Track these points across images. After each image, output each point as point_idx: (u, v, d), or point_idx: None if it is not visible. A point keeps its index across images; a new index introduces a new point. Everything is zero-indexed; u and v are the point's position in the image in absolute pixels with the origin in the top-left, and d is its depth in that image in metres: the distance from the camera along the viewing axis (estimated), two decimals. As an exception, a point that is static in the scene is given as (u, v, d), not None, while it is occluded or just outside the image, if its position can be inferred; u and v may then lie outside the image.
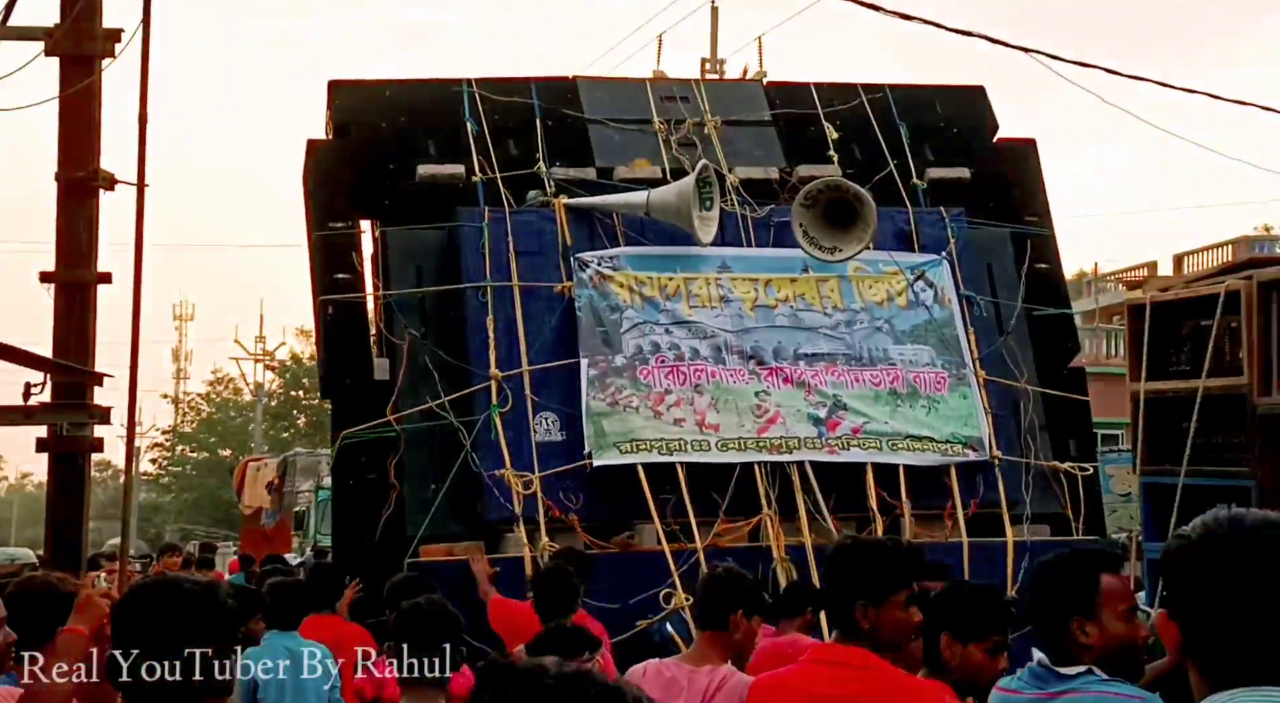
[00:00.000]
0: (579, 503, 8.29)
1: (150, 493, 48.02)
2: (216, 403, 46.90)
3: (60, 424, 7.45)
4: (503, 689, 1.44)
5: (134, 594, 2.49)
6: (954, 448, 8.84)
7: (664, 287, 8.92)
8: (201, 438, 46.30)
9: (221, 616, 2.41)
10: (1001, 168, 10.01)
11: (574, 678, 1.46)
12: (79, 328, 8.00)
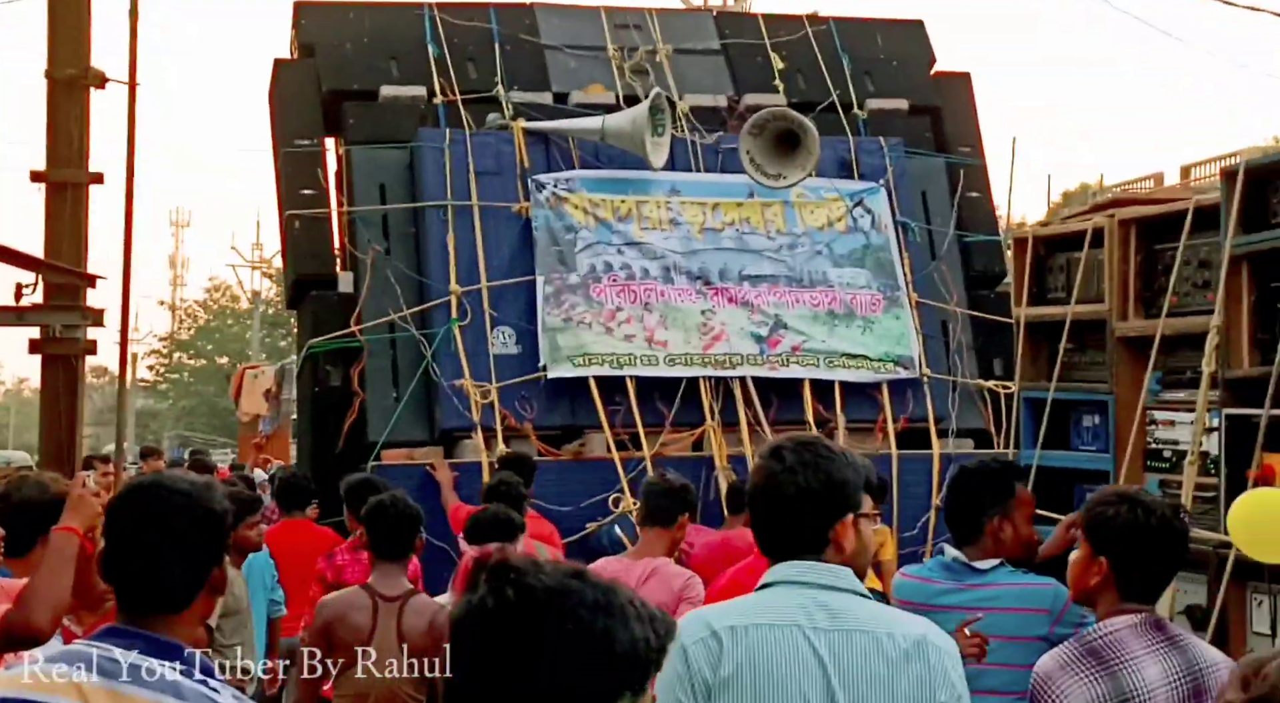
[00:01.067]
0: (533, 413, 8.77)
1: (148, 400, 47.47)
2: (214, 310, 46.33)
3: (53, 326, 7.37)
4: (500, 587, 1.45)
5: (128, 493, 2.39)
6: (886, 366, 9.40)
7: (617, 209, 9.35)
8: (199, 345, 45.83)
9: (215, 515, 2.34)
10: (937, 100, 10.49)
11: (569, 577, 1.48)
12: (71, 229, 7.92)
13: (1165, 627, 2.96)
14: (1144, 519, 2.97)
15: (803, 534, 2.49)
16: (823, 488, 2.47)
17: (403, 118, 9.41)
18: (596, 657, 1.43)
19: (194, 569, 2.31)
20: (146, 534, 2.28)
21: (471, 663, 1.44)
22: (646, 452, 8.72)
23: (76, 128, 8.03)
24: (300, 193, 9.25)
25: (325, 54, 9.69)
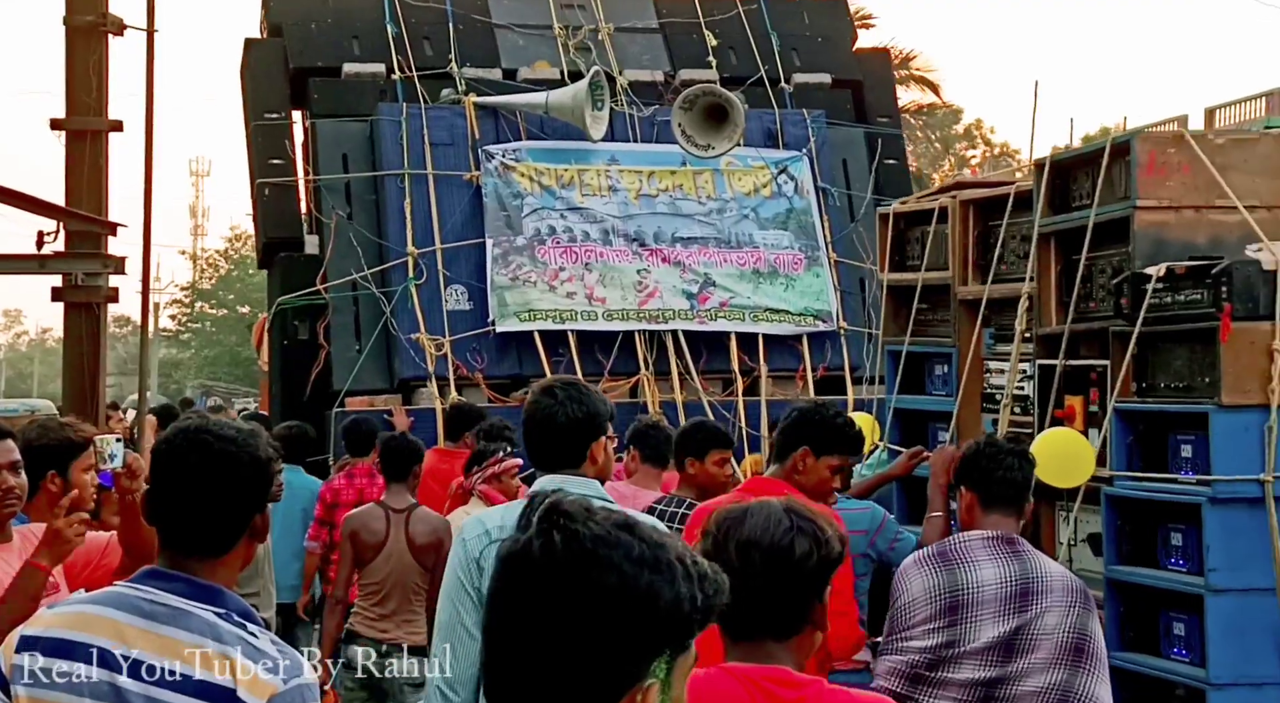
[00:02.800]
0: (483, 363, 9.64)
1: (170, 349, 47.04)
2: (235, 259, 45.23)
3: (75, 273, 7.31)
4: (549, 531, 1.42)
5: (173, 436, 2.34)
6: (806, 319, 10.31)
7: (560, 177, 10.19)
8: (220, 295, 45.22)
9: (260, 462, 2.32)
10: (858, 74, 11.35)
11: (619, 528, 1.44)
12: (91, 177, 7.78)
13: (1015, 542, 3.73)
14: (987, 451, 3.82)
15: (568, 452, 3.33)
16: (585, 417, 3.31)
17: (364, 93, 10.19)
18: (636, 613, 1.38)
19: (236, 514, 2.29)
20: (190, 478, 2.26)
21: (511, 605, 1.41)
22: (587, 399, 9.59)
23: (95, 75, 7.86)
24: (269, 162, 10.04)
25: (292, 33, 10.43)
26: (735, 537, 2.25)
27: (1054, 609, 3.55)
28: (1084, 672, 3.53)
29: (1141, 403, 4.36)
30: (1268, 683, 4.00)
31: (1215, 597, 4.01)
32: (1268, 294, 3.96)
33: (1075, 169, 4.78)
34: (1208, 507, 4.02)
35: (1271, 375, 3.94)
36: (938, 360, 5.65)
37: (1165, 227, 4.31)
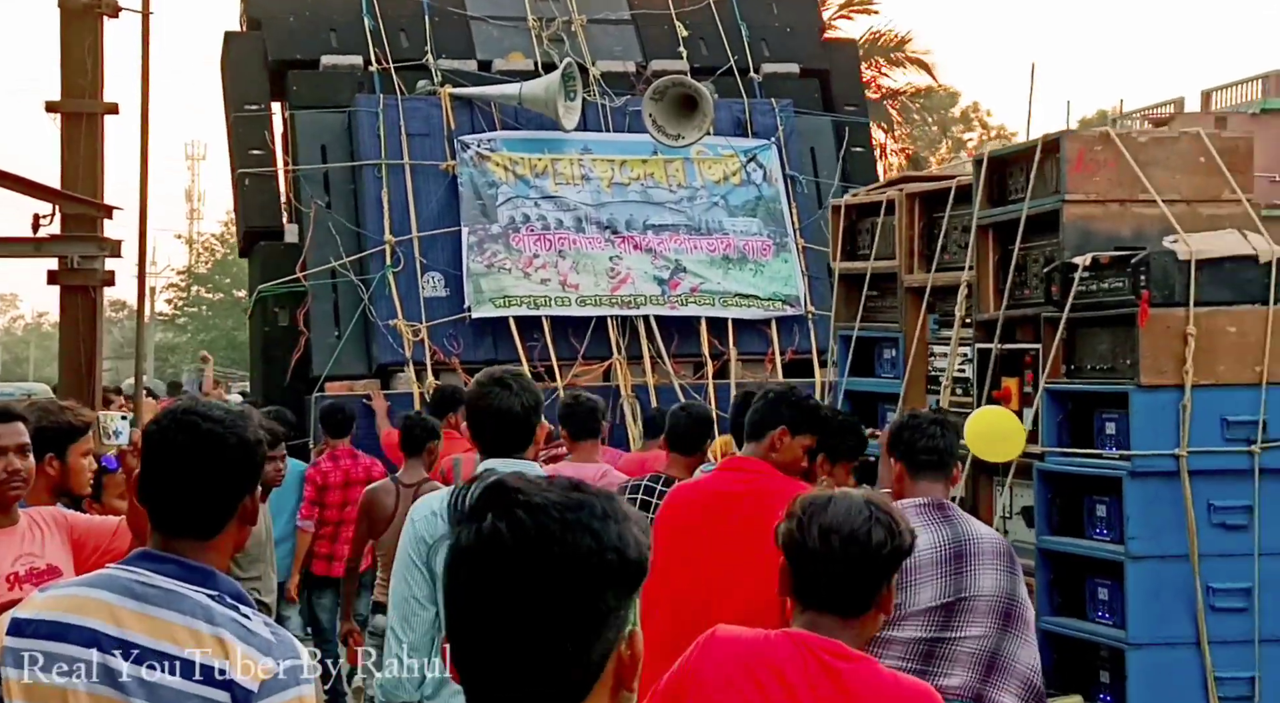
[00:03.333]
0: (459, 348, 9.89)
1: (166, 333, 46.67)
2: (230, 244, 45.54)
3: (71, 256, 7.26)
4: (510, 508, 1.38)
5: (163, 418, 2.36)
6: (775, 304, 10.60)
7: (534, 166, 10.44)
8: (216, 279, 45.17)
9: (248, 444, 2.32)
10: (826, 64, 11.62)
11: (573, 490, 1.42)
12: (87, 159, 7.72)
13: (945, 507, 4.03)
14: (910, 423, 4.11)
15: (520, 438, 3.68)
16: (535, 405, 3.70)
17: (342, 84, 10.42)
18: (616, 566, 1.38)
19: (224, 496, 2.29)
20: (177, 459, 2.28)
21: (489, 590, 1.37)
22: (560, 383, 9.87)
23: (90, 58, 7.79)
24: (250, 153, 10.27)
25: (271, 26, 10.65)
26: (818, 521, 2.49)
27: (986, 570, 3.84)
28: (1011, 635, 3.82)
29: (1070, 384, 4.66)
30: (1181, 643, 4.31)
31: (1134, 563, 4.31)
32: (1182, 282, 4.25)
33: (1011, 165, 5.07)
34: (1128, 480, 4.32)
35: (1186, 358, 4.24)
36: (886, 345, 5.94)
37: (1092, 219, 4.60)
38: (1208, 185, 4.61)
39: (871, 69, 26.79)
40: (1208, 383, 4.28)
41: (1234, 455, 4.29)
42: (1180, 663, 4.31)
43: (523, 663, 1.37)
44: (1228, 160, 4.61)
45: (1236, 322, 4.29)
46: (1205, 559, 4.29)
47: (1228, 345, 4.28)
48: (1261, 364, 4.27)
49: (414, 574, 3.66)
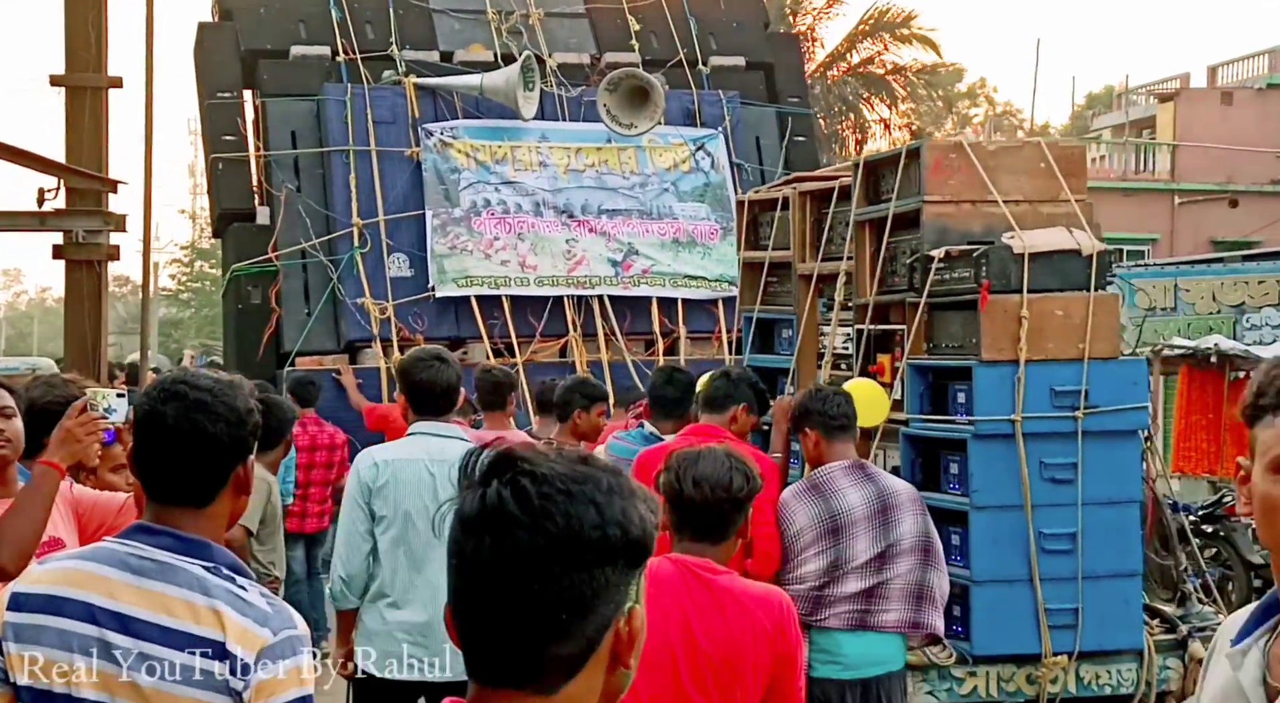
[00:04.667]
0: (424, 326, 10.53)
1: (170, 308, 46.44)
2: None
3: (75, 231, 7.15)
4: (515, 479, 1.37)
5: (153, 389, 2.36)
6: (722, 285, 11.24)
7: (494, 153, 11.07)
8: (220, 254, 45.23)
9: (238, 413, 2.31)
10: (770, 57, 12.25)
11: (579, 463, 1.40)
12: (91, 134, 7.62)
13: (865, 467, 4.75)
14: (818, 395, 4.81)
15: (450, 402, 4.56)
16: (459, 377, 4.56)
17: (310, 74, 11.02)
18: (619, 541, 1.37)
19: (215, 465, 2.29)
20: (167, 429, 2.28)
21: (485, 558, 1.35)
22: (519, 358, 10.54)
23: (94, 31, 7.64)
24: (223, 138, 10.87)
25: (242, 17, 11.23)
26: (691, 473, 3.20)
27: (906, 517, 4.60)
28: (930, 568, 4.61)
29: (928, 360, 5.34)
30: (1017, 580, 5.01)
31: (977, 513, 5.01)
32: (1017, 272, 4.93)
33: (884, 168, 5.72)
34: (972, 441, 5.02)
35: (1020, 337, 4.92)
36: (784, 325, 6.61)
37: (948, 217, 5.28)
38: (1047, 188, 5.28)
39: (877, 44, 27.33)
40: (1039, 358, 4.97)
41: (1061, 420, 4.97)
42: (1016, 597, 5.02)
43: (518, 633, 1.36)
44: (1063, 166, 5.28)
45: (1063, 306, 4.97)
46: (1037, 509, 4.99)
47: (1055, 326, 4.97)
48: (1084, 342, 4.96)
49: (357, 512, 4.51)
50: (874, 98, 27.42)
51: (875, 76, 27.48)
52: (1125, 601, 5.15)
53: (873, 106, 27.73)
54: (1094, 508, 5.02)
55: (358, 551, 4.47)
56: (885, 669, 4.56)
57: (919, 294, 5.27)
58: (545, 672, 1.38)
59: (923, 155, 5.27)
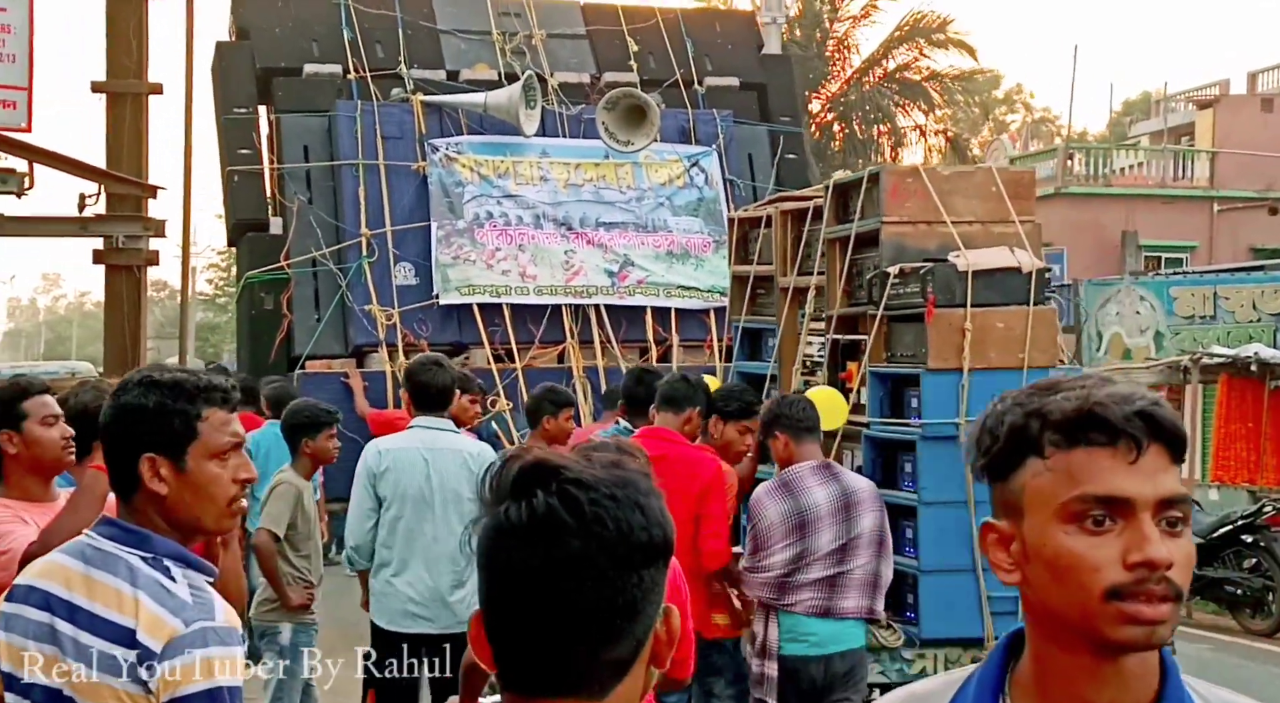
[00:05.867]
0: (428, 332, 11.00)
1: (207, 313, 46.76)
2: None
3: (116, 236, 7.22)
4: (563, 488, 1.34)
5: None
6: (713, 296, 11.72)
7: (497, 167, 11.57)
8: None
9: (125, 409, 2.36)
10: (763, 78, 12.75)
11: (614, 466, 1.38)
12: (132, 140, 7.72)
13: (831, 467, 5.23)
14: (786, 401, 5.29)
15: (446, 402, 5.25)
16: (454, 380, 5.27)
17: (323, 91, 11.53)
18: (660, 543, 1.37)
19: (119, 457, 2.36)
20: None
21: (538, 569, 1.32)
22: (518, 364, 11.02)
23: (135, 38, 7.72)
24: (238, 152, 11.37)
25: (258, 37, 11.75)
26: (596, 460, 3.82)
27: (867, 513, 5.08)
28: (882, 559, 5.10)
29: (886, 367, 5.83)
30: (960, 570, 5.49)
31: (925, 508, 5.50)
32: (961, 289, 5.42)
33: (851, 190, 6.22)
34: (920, 442, 5.50)
35: (964, 347, 5.41)
36: (769, 334, 7.10)
37: (905, 236, 5.77)
38: (997, 209, 5.77)
39: (913, 50, 27.19)
40: (982, 367, 5.45)
41: (1001, 424, 5.45)
42: (960, 585, 5.50)
43: (572, 640, 1.34)
44: (1012, 191, 5.77)
45: (1004, 319, 5.46)
46: (980, 505, 5.46)
47: (997, 338, 5.45)
48: (1024, 352, 5.45)
49: (364, 493, 5.30)
50: (910, 104, 27.25)
51: (911, 82, 27.31)
52: (1062, 590, 5.62)
53: (908, 113, 27.57)
54: (1032, 504, 5.48)
55: (363, 524, 5.31)
56: (849, 646, 5.05)
57: (878, 307, 5.75)
58: (598, 677, 1.36)
59: (882, 180, 5.76)
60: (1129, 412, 1.45)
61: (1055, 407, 1.47)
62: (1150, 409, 1.45)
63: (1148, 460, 1.44)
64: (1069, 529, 1.45)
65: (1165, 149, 29.31)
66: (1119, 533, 1.43)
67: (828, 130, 27.36)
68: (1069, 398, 1.47)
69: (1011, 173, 5.98)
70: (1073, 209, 25.51)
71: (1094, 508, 1.44)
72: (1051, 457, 1.46)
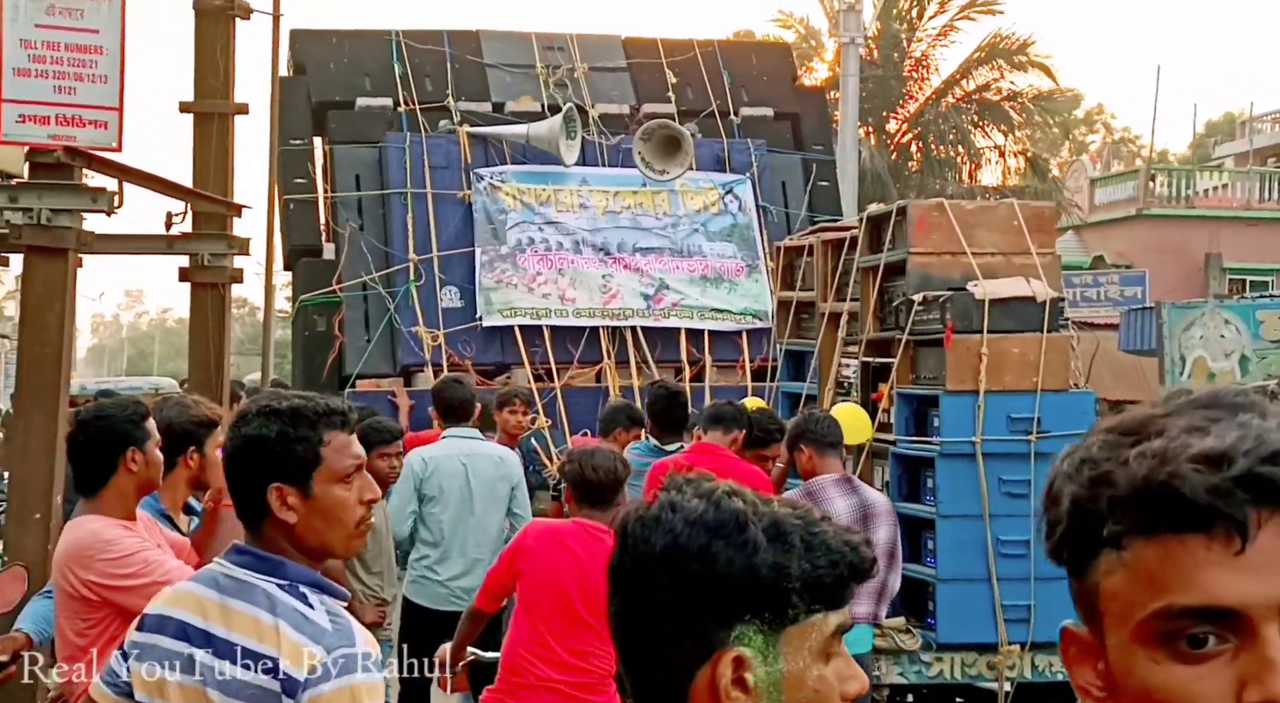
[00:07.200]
0: (472, 352, 11.46)
1: (286, 330, 48.18)
2: None
3: (201, 254, 7.27)
4: (716, 494, 1.39)
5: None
6: (746, 318, 12.15)
7: (539, 195, 12.05)
8: None
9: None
10: (797, 108, 13.20)
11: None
12: (218, 159, 7.74)
13: (851, 481, 5.67)
14: (811, 418, 5.74)
15: (468, 414, 6.07)
16: (474, 394, 6.12)
17: (374, 123, 12.04)
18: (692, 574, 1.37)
19: (246, 487, 2.38)
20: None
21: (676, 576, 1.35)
22: (557, 383, 11.46)
23: (222, 59, 7.78)
24: (294, 181, 11.90)
25: (314, 72, 12.30)
26: (589, 462, 4.41)
27: (882, 526, 5.50)
28: (891, 570, 5.52)
29: (911, 389, 6.26)
30: (977, 579, 5.90)
31: (943, 521, 5.91)
32: (978, 316, 5.84)
33: (884, 221, 6.66)
34: (939, 459, 5.92)
35: (980, 371, 5.83)
36: (812, 356, 7.54)
37: (930, 266, 6.20)
38: (1018, 242, 6.19)
39: (993, 71, 26.89)
40: (997, 389, 5.87)
41: (1016, 443, 5.87)
42: (976, 593, 5.91)
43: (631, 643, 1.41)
44: (1032, 224, 6.19)
45: (1019, 345, 5.88)
46: (995, 518, 5.88)
47: (1012, 362, 5.87)
48: (1037, 376, 5.86)
49: (408, 492, 6.05)
50: (989, 124, 26.95)
51: (991, 103, 27.02)
52: (1074, 599, 6.01)
53: (988, 133, 27.25)
54: (1045, 518, 5.88)
55: (404, 520, 6.11)
56: (858, 650, 5.47)
57: (904, 332, 6.18)
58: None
59: (909, 213, 6.20)
60: (1225, 480, 0.97)
61: (1126, 475, 1.01)
62: (1262, 470, 0.97)
63: (1264, 546, 0.97)
64: (1158, 656, 1.00)
65: (1251, 171, 28.62)
66: (1230, 658, 0.99)
67: (905, 151, 27.20)
68: (1146, 455, 1.00)
69: (1033, 208, 6.40)
70: (1155, 231, 25.26)
71: (1190, 625, 0.99)
72: (1127, 547, 1.02)
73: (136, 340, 70.60)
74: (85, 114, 5.46)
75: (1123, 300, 21.24)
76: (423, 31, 12.64)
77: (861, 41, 15.81)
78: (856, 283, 6.99)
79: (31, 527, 5.34)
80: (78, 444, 3.52)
